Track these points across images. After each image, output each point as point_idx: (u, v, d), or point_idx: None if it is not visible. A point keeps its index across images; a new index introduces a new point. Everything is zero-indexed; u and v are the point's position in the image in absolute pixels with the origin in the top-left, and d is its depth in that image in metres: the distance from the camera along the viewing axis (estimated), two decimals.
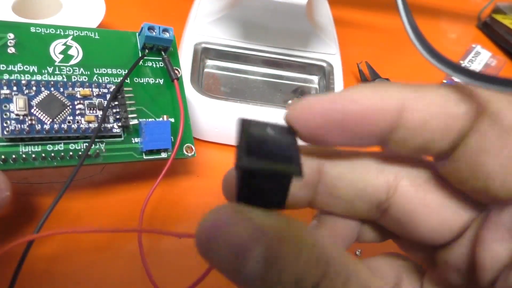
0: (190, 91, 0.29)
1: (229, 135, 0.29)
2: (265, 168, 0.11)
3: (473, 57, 0.44)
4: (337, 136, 0.13)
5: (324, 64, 0.34)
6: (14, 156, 0.20)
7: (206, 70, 0.33)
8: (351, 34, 0.44)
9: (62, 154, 0.21)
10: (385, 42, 0.45)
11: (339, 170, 0.14)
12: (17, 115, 0.20)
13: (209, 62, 0.34)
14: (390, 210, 0.14)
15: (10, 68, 0.21)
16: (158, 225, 0.24)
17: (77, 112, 0.21)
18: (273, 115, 0.29)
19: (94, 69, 0.23)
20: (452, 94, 0.12)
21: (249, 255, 0.10)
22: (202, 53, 0.33)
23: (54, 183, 0.24)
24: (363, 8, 0.49)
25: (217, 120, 0.29)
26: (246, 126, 0.12)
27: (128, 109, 0.23)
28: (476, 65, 0.44)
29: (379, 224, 0.15)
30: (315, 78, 0.34)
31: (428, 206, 0.14)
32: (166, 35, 0.24)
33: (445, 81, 0.40)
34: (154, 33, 0.24)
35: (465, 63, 0.44)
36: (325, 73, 0.34)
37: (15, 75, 0.21)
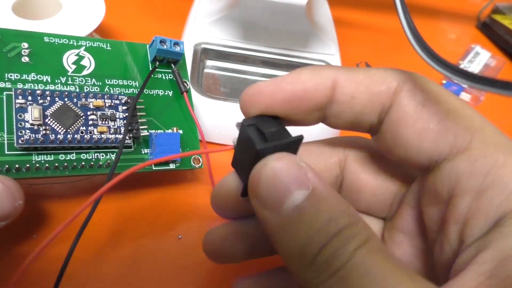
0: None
1: (229, 135, 0.29)
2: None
3: (472, 57, 0.45)
4: (285, 111, 0.15)
5: (324, 65, 0.34)
6: (27, 165, 0.20)
7: (205, 70, 0.33)
8: (350, 34, 0.44)
9: (74, 164, 0.21)
10: (385, 43, 0.45)
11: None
12: (32, 124, 0.20)
13: (209, 63, 0.34)
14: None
15: (24, 77, 0.21)
16: (159, 226, 0.24)
17: (90, 122, 0.22)
18: None
19: (106, 80, 0.24)
20: (376, 76, 0.15)
21: (294, 192, 0.12)
22: (202, 54, 0.33)
23: (54, 184, 0.24)
24: (363, 8, 0.49)
25: (216, 121, 0.29)
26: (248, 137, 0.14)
27: (139, 120, 0.24)
28: (476, 65, 0.44)
29: None
30: None
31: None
32: (177, 48, 0.25)
33: (444, 81, 0.40)
34: (165, 46, 0.25)
35: (464, 64, 0.44)
36: None
37: (29, 84, 0.21)
